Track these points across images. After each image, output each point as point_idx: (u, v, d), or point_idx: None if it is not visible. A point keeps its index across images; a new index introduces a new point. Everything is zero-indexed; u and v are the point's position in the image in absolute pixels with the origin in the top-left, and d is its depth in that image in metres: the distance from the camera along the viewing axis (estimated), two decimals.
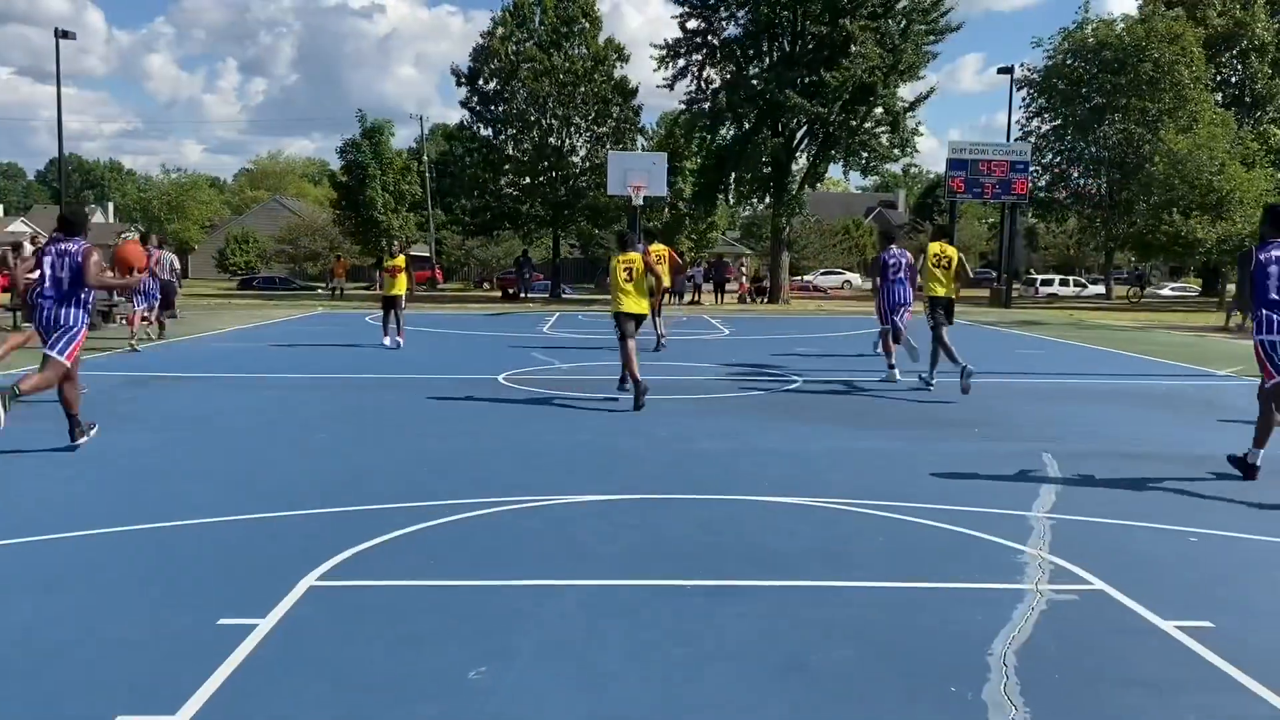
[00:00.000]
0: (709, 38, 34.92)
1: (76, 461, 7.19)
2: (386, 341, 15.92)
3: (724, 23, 34.72)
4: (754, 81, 33.18)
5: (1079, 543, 5.43)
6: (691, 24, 34.74)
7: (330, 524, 5.65)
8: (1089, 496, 6.54)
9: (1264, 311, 6.97)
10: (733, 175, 35.70)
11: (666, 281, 15.86)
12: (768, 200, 36.86)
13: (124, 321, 19.85)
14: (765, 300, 36.15)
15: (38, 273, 7.66)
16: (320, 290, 46.17)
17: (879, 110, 33.34)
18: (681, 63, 35.20)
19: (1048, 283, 54.55)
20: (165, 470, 6.99)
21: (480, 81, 39.23)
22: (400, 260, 16.65)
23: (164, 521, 5.58)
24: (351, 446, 7.86)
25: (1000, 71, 37.85)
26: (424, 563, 4.93)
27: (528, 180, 39.43)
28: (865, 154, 33.92)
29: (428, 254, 58.15)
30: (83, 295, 7.42)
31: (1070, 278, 57.16)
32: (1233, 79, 47.13)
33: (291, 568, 4.76)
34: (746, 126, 34.42)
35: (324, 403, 10.16)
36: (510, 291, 39.76)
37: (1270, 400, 6.99)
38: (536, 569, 4.85)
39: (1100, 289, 51.59)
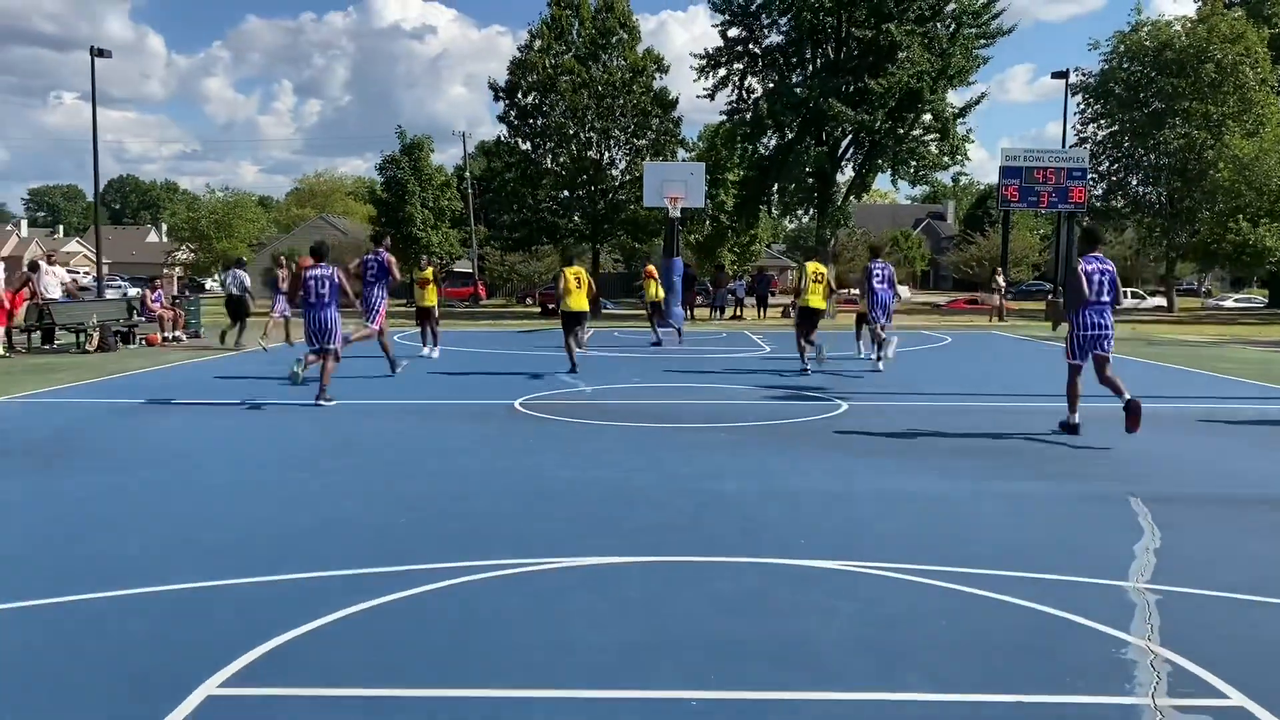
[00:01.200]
0: (750, 46, 33.85)
1: (6, 510, 6.31)
2: (424, 351, 16.66)
3: (765, 30, 33.64)
4: (797, 89, 32.04)
5: (1197, 629, 4.30)
6: (732, 32, 33.71)
7: (269, 598, 4.67)
8: (1196, 558, 5.39)
9: (1081, 312, 9.07)
10: (775, 186, 34.54)
11: (658, 295, 21.46)
12: (812, 212, 35.63)
13: (143, 342, 19.24)
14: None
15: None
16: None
17: (927, 117, 32.02)
18: (722, 72, 34.16)
19: None
20: (106, 523, 6.07)
21: (518, 95, 38.55)
22: (429, 273, 16.87)
23: (68, 595, 4.64)
24: (329, 489, 6.90)
25: (1054, 76, 36.36)
26: (362, 660, 3.92)
27: (566, 194, 38.62)
28: (914, 162, 32.57)
29: (471, 270, 57.62)
30: (337, 302, 10.90)
31: (1129, 289, 55.14)
32: None
33: (198, 665, 3.78)
34: (789, 136, 33.27)
35: (319, 433, 9.24)
36: (550, 307, 38.88)
37: (1076, 375, 9.28)
38: (502, 671, 3.82)
39: (1160, 301, 49.62)
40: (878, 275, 14.67)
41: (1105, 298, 9.02)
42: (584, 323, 14.84)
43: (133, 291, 37.89)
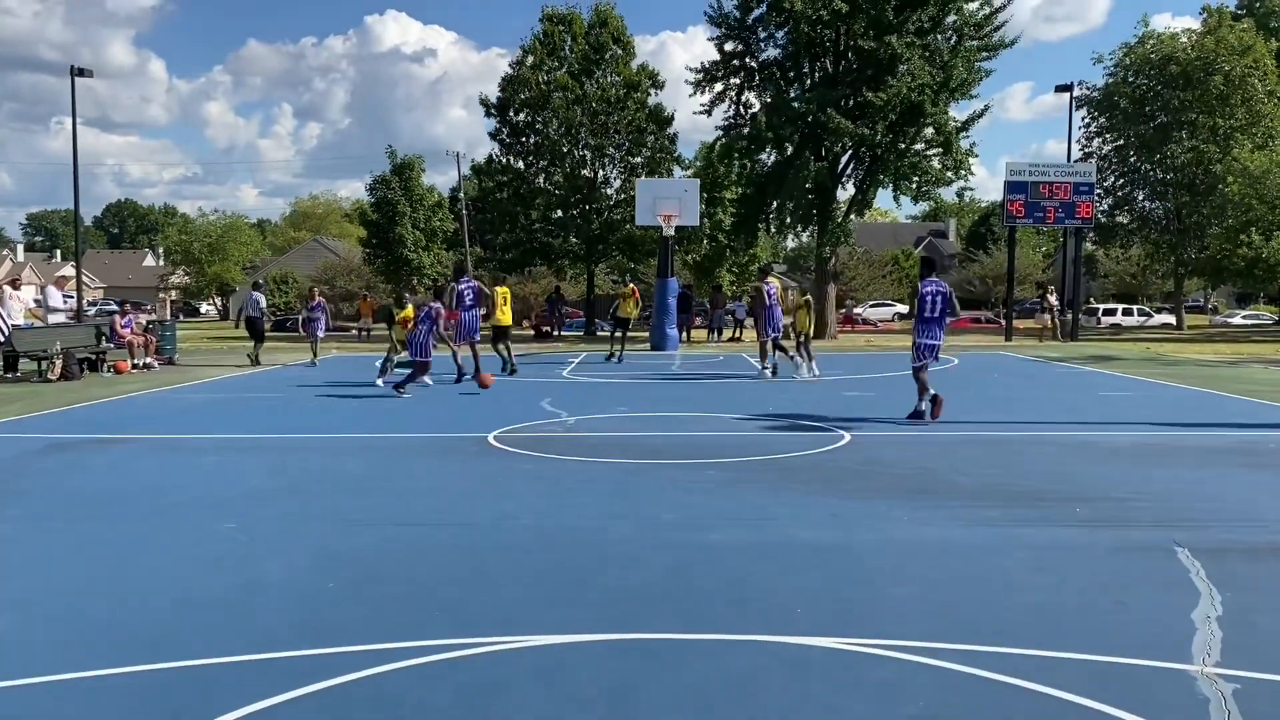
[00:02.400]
0: (747, 60, 33.11)
1: None
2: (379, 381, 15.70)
3: (762, 44, 32.88)
4: (795, 104, 31.27)
5: None
6: (729, 46, 32.96)
7: (140, 697, 3.78)
8: (1270, 630, 4.49)
9: (921, 325, 11.39)
10: (774, 203, 33.70)
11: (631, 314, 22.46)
12: (812, 230, 34.77)
13: (112, 370, 18.40)
14: (811, 335, 33.98)
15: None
16: (354, 330, 44.81)
17: (929, 131, 31.19)
18: (719, 87, 33.40)
19: (1110, 312, 51.79)
20: None
21: (510, 112, 37.80)
22: (409, 311, 16.11)
23: None
24: (255, 544, 6.00)
25: (1058, 89, 35.53)
26: None
27: (559, 213, 37.81)
28: (916, 178, 31.72)
29: None
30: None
31: (1135, 307, 54.31)
32: None
33: None
34: (788, 151, 32.46)
35: (264, 473, 8.36)
36: (544, 330, 37.99)
37: (921, 374, 11.47)
38: None
39: (1168, 318, 48.79)
40: (772, 296, 16.67)
41: (938, 313, 11.34)
42: (508, 335, 17.38)
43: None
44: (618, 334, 22.12)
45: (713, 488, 7.65)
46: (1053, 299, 32.36)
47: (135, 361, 19.02)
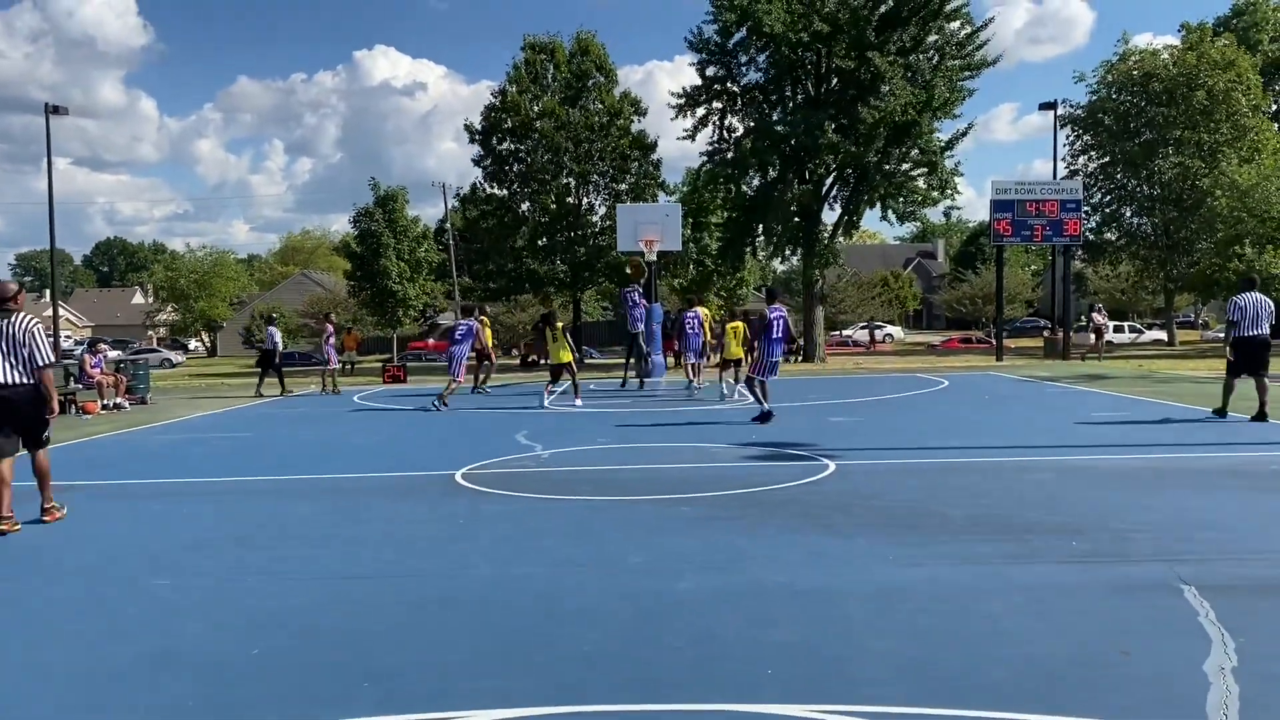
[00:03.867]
0: (729, 84, 32.93)
1: None
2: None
3: (744, 68, 32.72)
4: (778, 127, 31.03)
5: None
6: (710, 70, 32.80)
7: None
8: None
9: (769, 344, 13.31)
10: (760, 227, 33.40)
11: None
12: (799, 252, 34.45)
13: (80, 411, 17.90)
14: (799, 359, 33.61)
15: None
16: (339, 363, 44.24)
17: (914, 151, 30.95)
18: (701, 111, 33.21)
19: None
20: None
21: (494, 140, 37.53)
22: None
23: None
24: (180, 603, 5.50)
25: (1042, 107, 35.46)
26: None
27: (545, 240, 37.46)
28: (902, 198, 31.45)
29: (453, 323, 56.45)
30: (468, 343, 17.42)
31: (1125, 324, 54.04)
32: None
33: None
34: (772, 174, 32.20)
35: (210, 521, 7.85)
36: (531, 359, 37.50)
37: (753, 385, 13.55)
38: None
39: (1159, 334, 48.49)
40: (690, 324, 18.52)
41: (781, 334, 13.41)
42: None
43: (113, 354, 36.41)
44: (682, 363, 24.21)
45: (684, 526, 7.18)
46: (1099, 317, 31.71)
47: (105, 402, 18.51)
